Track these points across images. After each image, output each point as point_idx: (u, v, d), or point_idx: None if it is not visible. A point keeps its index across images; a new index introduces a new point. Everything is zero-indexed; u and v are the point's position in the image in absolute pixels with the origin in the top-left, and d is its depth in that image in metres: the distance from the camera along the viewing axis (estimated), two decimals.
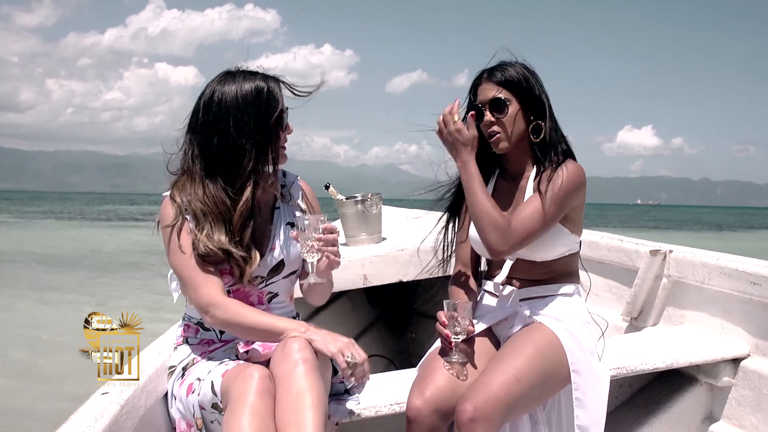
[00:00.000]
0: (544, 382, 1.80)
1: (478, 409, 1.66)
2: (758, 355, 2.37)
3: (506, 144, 1.94)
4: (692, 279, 2.65)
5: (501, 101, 1.91)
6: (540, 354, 1.81)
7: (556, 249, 1.95)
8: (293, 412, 1.60)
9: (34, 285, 10.89)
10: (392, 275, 3.35)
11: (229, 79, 1.85)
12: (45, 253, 16.31)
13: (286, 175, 2.06)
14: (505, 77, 1.93)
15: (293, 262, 1.95)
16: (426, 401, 1.75)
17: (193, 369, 1.84)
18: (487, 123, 1.93)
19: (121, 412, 1.65)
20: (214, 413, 1.73)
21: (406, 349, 4.17)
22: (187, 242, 1.81)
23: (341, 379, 1.92)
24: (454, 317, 1.81)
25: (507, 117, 1.92)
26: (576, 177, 1.88)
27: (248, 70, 1.88)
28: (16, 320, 8.10)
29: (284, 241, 1.94)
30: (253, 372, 1.66)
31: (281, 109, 1.87)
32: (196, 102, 1.87)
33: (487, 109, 1.93)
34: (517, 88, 1.93)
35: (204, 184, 1.83)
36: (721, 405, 2.42)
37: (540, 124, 1.93)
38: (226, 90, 1.82)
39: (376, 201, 3.77)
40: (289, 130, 1.92)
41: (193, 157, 1.86)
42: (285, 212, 1.99)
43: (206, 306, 1.78)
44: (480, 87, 1.96)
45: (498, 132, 1.93)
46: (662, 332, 2.69)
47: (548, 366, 1.81)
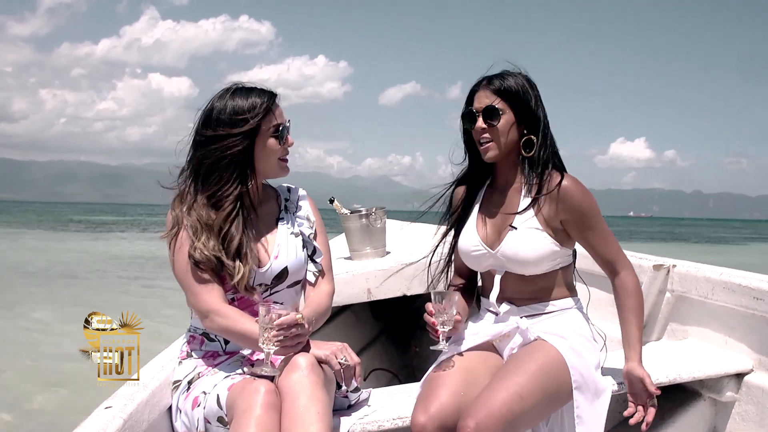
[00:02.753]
0: (546, 399, 1.80)
1: (480, 425, 1.66)
2: (762, 370, 2.36)
3: (495, 153, 1.94)
4: (696, 294, 2.65)
5: (495, 110, 1.92)
6: (543, 372, 1.81)
7: (543, 263, 1.94)
8: (299, 424, 1.62)
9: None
10: (396, 289, 3.35)
11: (226, 96, 1.90)
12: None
13: (291, 190, 2.10)
14: (503, 86, 1.93)
15: (297, 271, 1.98)
16: (431, 418, 1.75)
17: (198, 382, 1.85)
18: (478, 129, 1.94)
19: (124, 427, 1.66)
20: (219, 427, 1.74)
21: (410, 363, 4.16)
22: (185, 251, 1.86)
23: (344, 393, 1.94)
24: (441, 308, 1.86)
25: (499, 126, 1.92)
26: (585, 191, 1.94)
27: (246, 87, 1.93)
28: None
29: (288, 250, 1.97)
30: (259, 386, 1.68)
31: (279, 124, 1.91)
32: (197, 119, 1.93)
33: (480, 116, 1.93)
34: (514, 98, 1.93)
35: (200, 200, 1.88)
36: (725, 420, 2.41)
37: (532, 138, 1.94)
38: (221, 107, 1.88)
39: (380, 215, 3.77)
40: (289, 143, 1.96)
41: (189, 171, 1.92)
42: (289, 222, 2.03)
43: (206, 312, 1.84)
44: (477, 93, 1.97)
45: (488, 140, 1.93)
46: (666, 347, 2.68)
47: (551, 384, 1.81)
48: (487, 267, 2.01)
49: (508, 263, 1.95)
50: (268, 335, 1.73)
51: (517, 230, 1.93)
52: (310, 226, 2.06)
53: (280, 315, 1.74)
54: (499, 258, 1.96)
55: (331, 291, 2.06)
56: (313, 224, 2.07)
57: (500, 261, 1.96)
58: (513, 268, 1.95)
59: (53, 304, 9.90)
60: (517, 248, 1.92)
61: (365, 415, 1.96)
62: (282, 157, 1.95)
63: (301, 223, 2.05)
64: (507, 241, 1.94)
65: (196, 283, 1.85)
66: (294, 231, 2.02)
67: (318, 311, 1.95)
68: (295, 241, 2.00)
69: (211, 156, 1.86)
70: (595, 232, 1.94)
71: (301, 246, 2.01)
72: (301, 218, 2.06)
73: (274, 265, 1.94)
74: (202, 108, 1.92)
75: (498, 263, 1.97)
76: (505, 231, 1.95)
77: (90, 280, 13.29)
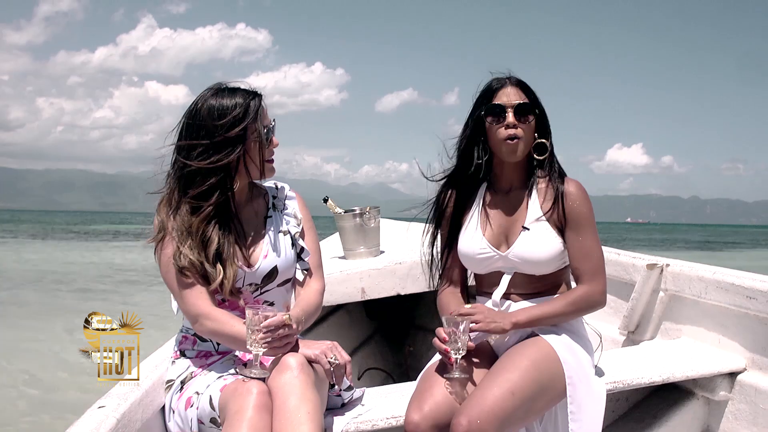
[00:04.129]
0: (539, 395, 1.80)
1: (472, 422, 1.66)
2: (755, 369, 2.37)
3: (521, 153, 1.95)
4: (689, 293, 2.65)
5: (528, 106, 1.93)
6: (536, 367, 1.81)
7: (553, 263, 1.96)
8: (289, 425, 1.61)
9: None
10: (390, 288, 3.35)
11: (210, 97, 1.86)
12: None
13: (278, 188, 2.08)
14: (529, 88, 1.97)
15: (287, 269, 1.98)
16: (424, 416, 1.75)
17: (191, 382, 1.85)
18: (510, 124, 1.92)
19: (117, 426, 1.65)
20: (212, 428, 1.74)
21: (404, 362, 4.16)
22: (170, 256, 1.84)
23: (338, 392, 1.93)
24: (454, 333, 1.79)
25: (530, 125, 1.94)
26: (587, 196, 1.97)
27: (230, 88, 1.89)
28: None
29: (277, 249, 1.96)
30: (251, 387, 1.68)
31: (264, 126, 1.89)
32: (181, 120, 1.89)
33: (511, 112, 1.92)
34: (538, 102, 1.97)
35: (183, 204, 1.86)
36: (718, 419, 2.41)
37: (545, 143, 1.97)
38: (205, 108, 1.84)
39: (374, 214, 3.77)
40: (274, 144, 1.93)
41: (173, 176, 1.89)
42: (277, 220, 2.02)
43: (196, 316, 1.83)
44: (503, 90, 1.96)
45: (518, 137, 1.93)
46: (659, 346, 2.69)
47: (543, 379, 1.81)
48: (493, 269, 2.01)
49: (521, 264, 1.95)
50: (255, 337, 1.72)
51: (530, 231, 1.94)
52: (297, 224, 2.04)
53: (267, 317, 1.73)
54: (509, 259, 1.96)
55: (321, 288, 2.05)
56: (300, 222, 2.05)
57: (511, 262, 1.97)
58: (524, 269, 1.96)
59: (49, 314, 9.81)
60: (531, 249, 1.94)
61: (359, 414, 1.95)
62: (268, 159, 1.92)
63: (288, 221, 2.03)
64: (520, 242, 1.95)
65: (183, 288, 1.84)
66: (282, 229, 2.01)
67: (308, 310, 1.94)
68: (283, 239, 1.99)
69: (193, 160, 1.83)
70: (585, 238, 1.94)
71: (290, 244, 2.00)
72: (289, 216, 2.04)
73: (264, 264, 1.93)
74: (187, 110, 1.88)
75: (508, 264, 1.98)
76: (516, 232, 1.97)
77: (86, 290, 13.17)
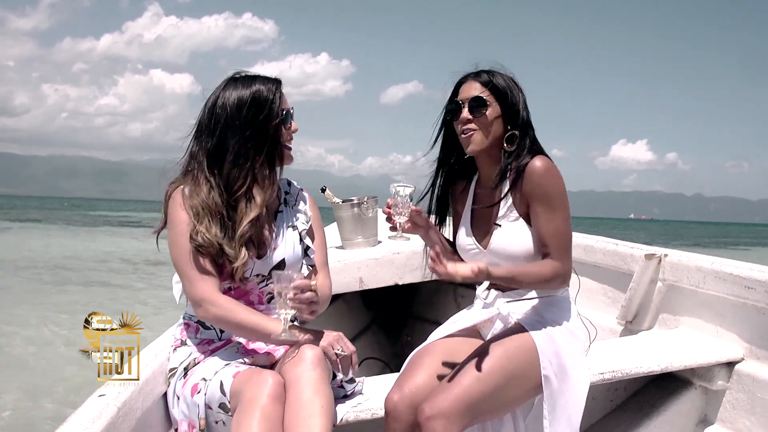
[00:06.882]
0: (511, 384, 1.79)
1: (434, 407, 1.68)
2: (752, 358, 2.38)
3: (476, 146, 1.92)
4: (687, 283, 2.66)
5: (481, 100, 1.90)
6: (507, 355, 1.80)
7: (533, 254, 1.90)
8: (302, 417, 1.64)
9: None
10: (388, 278, 3.35)
11: (231, 85, 1.90)
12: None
13: (291, 185, 2.10)
14: (491, 80, 1.92)
15: (294, 263, 1.99)
16: (403, 396, 1.78)
17: (196, 369, 1.85)
18: (463, 120, 1.91)
19: (118, 414, 1.65)
20: (220, 413, 1.74)
21: (402, 352, 4.16)
22: (186, 237, 1.84)
23: (340, 383, 1.95)
24: (397, 201, 1.87)
25: (484, 118, 1.90)
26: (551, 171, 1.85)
27: (249, 75, 1.93)
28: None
29: (286, 243, 1.98)
30: (267, 377, 1.70)
31: (283, 109, 1.91)
32: (202, 108, 1.92)
33: (465, 106, 1.91)
34: (501, 92, 1.91)
35: (205, 185, 1.86)
36: (716, 408, 2.43)
37: (515, 134, 1.91)
38: (227, 96, 1.87)
39: (372, 204, 3.77)
40: (294, 129, 1.95)
41: (196, 159, 1.90)
42: (288, 215, 2.04)
43: (200, 301, 1.83)
44: (464, 85, 1.95)
45: (471, 131, 1.90)
46: (657, 336, 2.70)
47: (514, 368, 1.79)
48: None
49: (501, 259, 1.94)
50: (284, 299, 1.73)
51: (501, 227, 1.93)
52: (306, 221, 2.06)
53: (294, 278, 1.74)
54: (490, 255, 1.95)
55: (330, 285, 2.08)
56: (309, 219, 2.07)
57: (492, 258, 1.95)
58: (504, 264, 1.94)
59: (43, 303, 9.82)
60: (504, 244, 1.92)
61: (358, 403, 1.97)
62: (287, 144, 1.94)
63: (298, 218, 2.05)
64: (495, 239, 1.94)
65: (192, 270, 1.84)
66: (292, 224, 2.03)
67: (321, 298, 1.92)
68: (292, 234, 2.01)
69: (221, 143, 1.85)
70: (552, 214, 1.84)
71: (298, 240, 2.02)
72: (299, 212, 2.07)
73: (273, 256, 1.95)
74: (210, 96, 1.91)
75: (492, 259, 1.96)
76: (492, 228, 1.96)
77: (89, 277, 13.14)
